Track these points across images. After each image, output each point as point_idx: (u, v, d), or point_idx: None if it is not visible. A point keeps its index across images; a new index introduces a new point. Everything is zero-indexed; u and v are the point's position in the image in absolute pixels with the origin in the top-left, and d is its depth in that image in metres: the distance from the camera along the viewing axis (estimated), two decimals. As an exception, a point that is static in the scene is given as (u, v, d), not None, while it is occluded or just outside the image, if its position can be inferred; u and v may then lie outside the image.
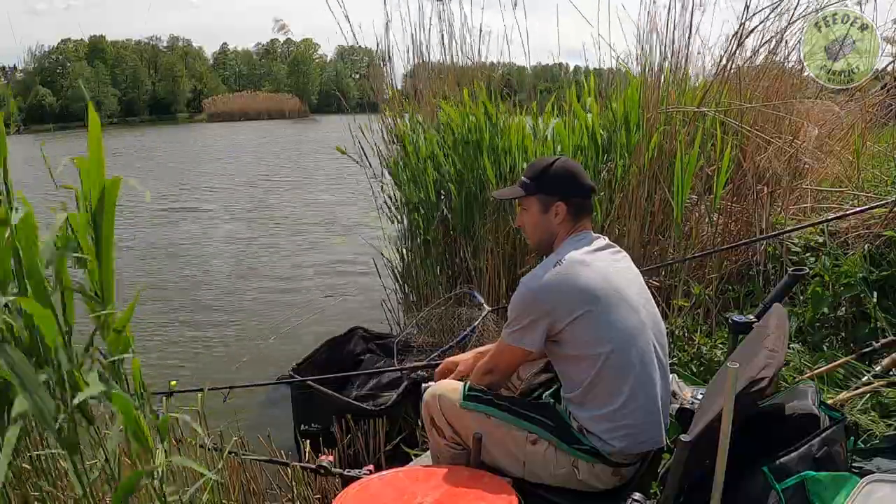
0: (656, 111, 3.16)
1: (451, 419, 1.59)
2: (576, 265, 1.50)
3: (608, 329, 1.47)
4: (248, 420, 2.91)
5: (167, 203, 10.64)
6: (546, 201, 1.59)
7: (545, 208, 1.60)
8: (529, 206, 1.63)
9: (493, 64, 4.05)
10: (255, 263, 6.92)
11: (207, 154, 20.49)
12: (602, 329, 1.46)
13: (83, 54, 48.49)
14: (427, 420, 1.65)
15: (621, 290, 1.51)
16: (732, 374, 1.04)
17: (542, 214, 1.61)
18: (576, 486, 1.51)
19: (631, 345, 1.48)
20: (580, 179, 1.61)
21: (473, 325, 2.90)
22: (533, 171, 1.63)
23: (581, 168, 1.67)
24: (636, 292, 1.57)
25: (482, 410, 1.56)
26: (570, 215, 1.59)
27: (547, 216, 1.60)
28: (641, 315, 1.53)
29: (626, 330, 1.48)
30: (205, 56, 59.77)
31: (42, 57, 48.60)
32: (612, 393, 1.46)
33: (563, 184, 1.59)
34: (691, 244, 3.22)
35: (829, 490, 1.23)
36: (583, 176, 1.62)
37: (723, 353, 2.54)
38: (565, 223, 1.60)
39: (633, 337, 1.49)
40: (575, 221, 1.60)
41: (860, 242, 2.80)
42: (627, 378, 1.46)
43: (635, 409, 1.47)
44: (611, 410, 1.46)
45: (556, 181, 1.59)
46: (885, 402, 1.95)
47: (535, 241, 1.67)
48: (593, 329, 1.46)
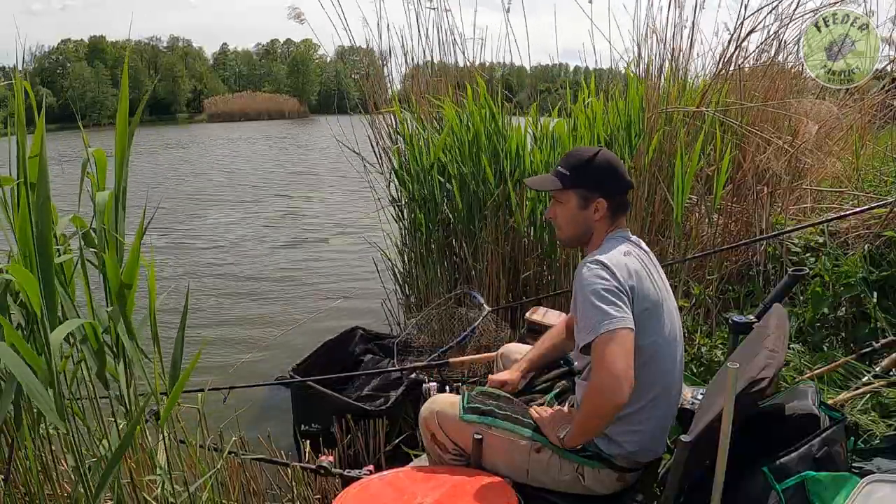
0: (656, 111, 3.16)
1: (452, 435, 1.58)
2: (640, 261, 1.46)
3: (657, 332, 1.42)
4: (248, 420, 2.91)
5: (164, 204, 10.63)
6: (586, 196, 1.49)
7: (584, 203, 1.49)
8: (567, 199, 1.52)
9: (492, 64, 4.05)
10: (254, 263, 6.91)
11: (205, 154, 20.48)
12: (652, 331, 1.41)
13: (83, 54, 48.49)
14: (427, 437, 1.62)
15: (668, 298, 1.49)
16: (732, 374, 1.04)
17: (580, 210, 1.50)
18: (580, 490, 1.51)
19: (668, 353, 1.46)
20: (622, 175, 1.51)
21: (473, 325, 2.89)
22: (572, 161, 1.51)
23: (621, 162, 1.57)
24: (672, 301, 1.54)
25: (483, 422, 1.54)
26: (609, 213, 1.49)
27: (585, 212, 1.50)
28: (676, 325, 1.51)
29: (668, 337, 1.46)
30: (205, 56, 59.75)
31: (42, 57, 48.57)
32: (639, 395, 1.39)
33: (606, 179, 1.49)
34: (691, 244, 3.22)
35: (830, 490, 1.23)
36: (624, 171, 1.53)
37: (723, 354, 2.54)
38: (604, 220, 1.50)
39: (671, 346, 1.47)
40: (614, 219, 1.51)
41: (860, 242, 2.80)
42: (656, 384, 1.44)
43: (655, 416, 1.46)
44: (631, 412, 1.42)
45: (598, 175, 1.48)
46: (885, 402, 1.95)
47: (568, 235, 1.57)
48: (646, 327, 1.40)
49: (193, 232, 8.60)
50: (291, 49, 59.89)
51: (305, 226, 8.85)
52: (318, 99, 55.74)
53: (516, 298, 3.57)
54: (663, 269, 1.60)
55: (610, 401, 1.30)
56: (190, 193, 12.03)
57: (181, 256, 7.27)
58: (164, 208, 10.04)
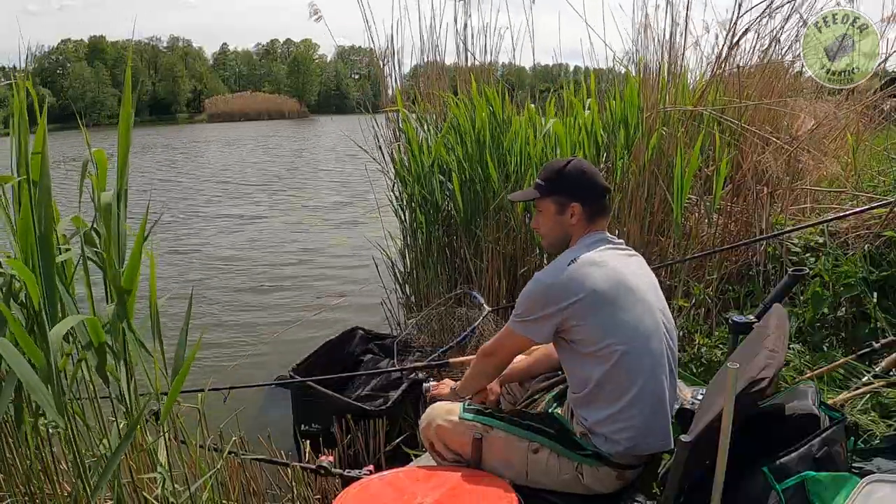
0: (655, 111, 3.17)
1: (450, 443, 1.60)
2: (590, 264, 1.49)
3: (622, 329, 1.46)
4: (248, 420, 2.91)
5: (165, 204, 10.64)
6: (561, 202, 1.60)
7: (561, 209, 1.60)
8: (545, 207, 1.64)
9: (491, 64, 4.05)
10: (254, 263, 6.91)
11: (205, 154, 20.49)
12: (615, 328, 1.45)
13: (83, 55, 48.52)
14: (427, 444, 1.67)
15: (636, 290, 1.51)
16: (732, 374, 1.04)
17: (557, 216, 1.61)
18: (580, 490, 1.52)
19: (644, 346, 1.47)
20: (595, 180, 1.62)
21: (473, 325, 2.90)
22: (547, 172, 1.64)
23: (595, 169, 1.68)
24: (652, 294, 1.56)
25: (481, 421, 1.56)
26: (585, 216, 1.59)
27: (563, 217, 1.61)
28: (657, 317, 1.52)
29: (641, 331, 1.47)
30: (205, 56, 59.86)
31: (42, 57, 48.61)
32: (620, 393, 1.45)
33: (578, 185, 1.60)
34: (691, 244, 3.23)
35: (830, 490, 1.23)
36: (597, 176, 1.63)
37: (723, 354, 2.54)
38: (581, 224, 1.60)
39: (647, 338, 1.48)
40: (590, 222, 1.60)
41: (860, 242, 2.81)
42: (637, 379, 1.46)
43: (642, 409, 1.46)
44: (617, 410, 1.45)
45: (571, 182, 1.60)
46: (885, 402, 1.95)
47: (550, 242, 1.68)
48: (606, 328, 1.45)
49: (193, 232, 8.60)
50: (291, 49, 59.96)
51: (306, 225, 8.85)
52: (318, 99, 55.80)
53: (516, 298, 3.56)
54: (663, 269, 1.61)
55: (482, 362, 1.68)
56: (190, 193, 12.03)
57: (181, 257, 7.27)
58: (163, 208, 10.05)
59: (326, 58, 58.47)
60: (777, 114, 3.41)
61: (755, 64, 3.49)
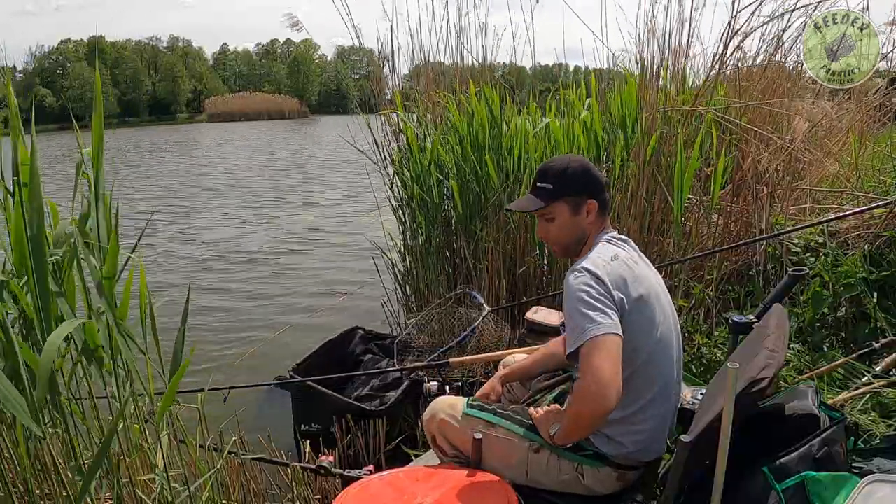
0: (654, 111, 3.16)
1: (451, 439, 1.60)
2: (629, 263, 1.45)
3: (652, 332, 1.43)
4: (248, 420, 2.91)
5: (165, 204, 10.64)
6: (577, 202, 1.51)
7: (576, 209, 1.52)
8: (557, 212, 1.53)
9: (492, 64, 4.05)
10: (254, 263, 6.91)
11: (205, 154, 20.48)
12: (642, 334, 1.41)
13: (83, 55, 48.50)
14: (429, 438, 1.66)
15: (660, 295, 1.49)
16: (732, 374, 1.04)
17: (573, 217, 1.52)
18: (580, 490, 1.51)
19: (664, 353, 1.46)
20: (598, 174, 1.55)
21: (473, 325, 2.90)
22: (551, 174, 1.53)
23: (591, 162, 1.61)
24: (665, 299, 1.53)
25: (483, 417, 1.56)
26: (599, 212, 1.53)
27: (578, 217, 1.52)
28: (671, 323, 1.51)
29: (664, 335, 1.46)
30: (205, 56, 59.89)
31: (42, 57, 48.64)
32: (636, 397, 1.42)
33: (587, 180, 1.53)
34: (691, 244, 3.22)
35: (829, 490, 1.23)
36: (597, 170, 1.57)
37: (723, 354, 2.53)
38: (596, 222, 1.53)
39: (668, 343, 1.47)
40: (603, 219, 1.55)
41: (860, 242, 2.80)
42: (655, 384, 1.45)
43: (654, 415, 1.46)
44: (630, 414, 1.43)
45: (580, 180, 1.52)
46: (885, 402, 1.95)
47: (564, 246, 1.57)
48: (635, 333, 1.39)
49: (193, 232, 8.60)
50: (291, 49, 59.97)
51: (306, 225, 8.85)
52: (319, 99, 55.80)
53: (516, 298, 3.57)
54: (663, 269, 1.60)
55: (596, 408, 1.28)
56: (190, 193, 12.03)
57: (180, 257, 7.27)
58: (163, 208, 10.06)
59: (326, 58, 58.50)
60: (778, 113, 3.41)
61: (757, 64, 3.49)
